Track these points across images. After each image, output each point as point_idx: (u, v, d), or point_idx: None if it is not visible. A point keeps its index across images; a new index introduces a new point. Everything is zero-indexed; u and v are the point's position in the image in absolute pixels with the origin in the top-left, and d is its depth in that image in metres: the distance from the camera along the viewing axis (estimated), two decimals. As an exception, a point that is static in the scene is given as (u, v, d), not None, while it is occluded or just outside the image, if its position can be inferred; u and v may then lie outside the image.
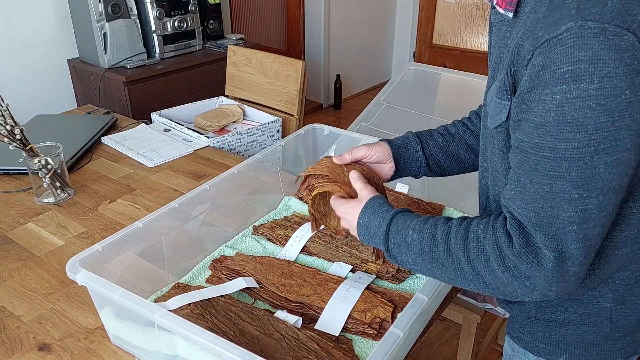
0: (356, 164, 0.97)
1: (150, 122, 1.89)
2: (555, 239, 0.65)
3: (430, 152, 1.00)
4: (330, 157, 0.98)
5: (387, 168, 0.99)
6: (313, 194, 0.94)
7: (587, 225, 0.64)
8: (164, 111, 1.93)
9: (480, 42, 4.04)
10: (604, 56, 0.57)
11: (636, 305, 0.77)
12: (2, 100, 1.29)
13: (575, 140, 0.60)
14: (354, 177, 0.91)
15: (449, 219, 0.77)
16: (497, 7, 0.73)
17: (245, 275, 1.04)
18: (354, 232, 0.87)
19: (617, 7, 0.58)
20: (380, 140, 1.01)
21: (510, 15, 0.72)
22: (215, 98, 2.10)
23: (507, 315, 1.59)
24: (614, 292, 0.76)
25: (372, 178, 0.95)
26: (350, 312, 0.93)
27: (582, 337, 0.79)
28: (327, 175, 0.93)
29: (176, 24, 2.62)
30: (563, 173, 0.62)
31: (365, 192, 0.87)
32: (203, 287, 1.01)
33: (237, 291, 1.00)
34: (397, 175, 1.01)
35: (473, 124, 1.02)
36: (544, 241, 0.65)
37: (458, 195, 1.36)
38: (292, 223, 1.22)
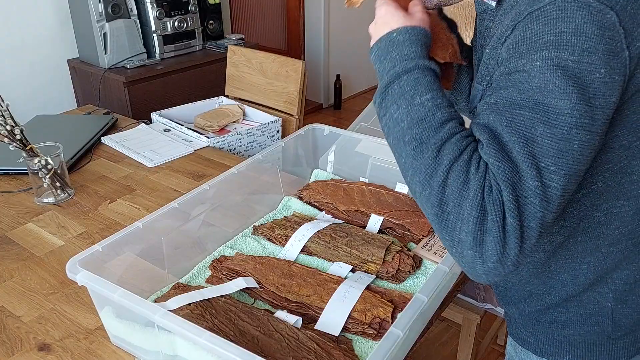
0: None
1: (150, 122, 1.89)
2: (516, 204, 0.59)
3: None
4: None
5: None
6: None
7: (547, 205, 0.59)
8: (164, 111, 1.93)
9: (480, 42, 4.04)
10: (586, 30, 0.57)
11: (638, 304, 0.77)
12: (2, 100, 1.29)
13: (557, 107, 0.58)
14: (415, 2, 0.78)
15: (464, 129, 0.68)
16: None
17: (245, 275, 1.04)
18: (374, 39, 0.75)
19: None
20: None
21: (493, 4, 0.72)
22: (215, 98, 2.10)
23: (507, 315, 1.59)
24: (614, 292, 0.76)
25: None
26: (350, 312, 0.94)
27: (584, 337, 0.79)
28: None
29: (176, 24, 2.62)
30: (536, 137, 0.59)
31: (420, 15, 0.74)
32: (203, 287, 1.01)
33: (237, 291, 1.00)
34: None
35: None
36: (508, 202, 0.60)
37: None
38: (292, 223, 1.22)
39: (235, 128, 1.95)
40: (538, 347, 0.83)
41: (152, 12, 2.52)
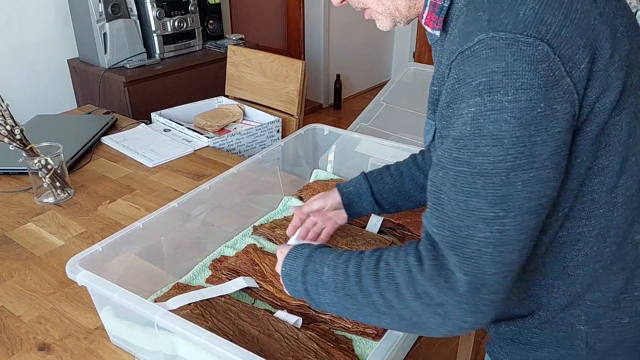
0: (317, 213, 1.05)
1: (150, 122, 1.90)
2: (470, 261, 0.61)
3: (381, 195, 1.03)
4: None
5: (342, 213, 1.05)
6: None
7: (504, 249, 0.60)
8: (164, 111, 1.93)
9: (480, 42, 4.04)
10: (517, 67, 0.56)
11: (613, 328, 0.74)
12: (2, 100, 1.29)
13: (491, 154, 0.58)
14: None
15: (363, 251, 0.73)
16: (426, 27, 0.71)
17: (245, 275, 1.04)
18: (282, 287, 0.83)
19: (530, 16, 0.57)
20: (335, 188, 1.05)
21: (437, 33, 0.71)
22: (215, 98, 2.10)
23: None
24: (587, 314, 0.73)
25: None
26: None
27: None
28: None
29: (176, 24, 2.62)
30: (479, 189, 0.59)
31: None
32: (203, 287, 1.01)
33: (237, 291, 1.00)
34: (352, 217, 1.05)
35: (425, 162, 1.02)
36: (458, 263, 0.61)
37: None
38: (292, 223, 1.22)
39: (235, 128, 1.95)
40: None
41: (152, 12, 2.52)
